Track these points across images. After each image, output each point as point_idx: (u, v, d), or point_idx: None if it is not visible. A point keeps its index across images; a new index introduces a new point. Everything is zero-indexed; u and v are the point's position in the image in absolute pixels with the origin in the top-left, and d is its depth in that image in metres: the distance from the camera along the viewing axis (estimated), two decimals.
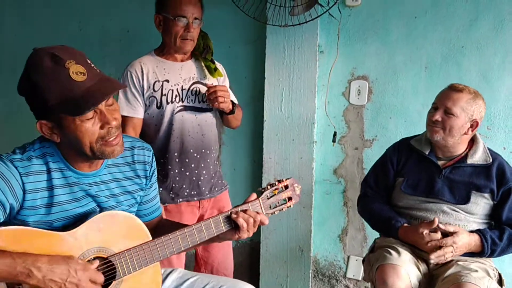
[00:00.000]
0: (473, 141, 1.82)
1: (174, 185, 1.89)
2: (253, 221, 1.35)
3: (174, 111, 1.85)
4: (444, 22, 2.19)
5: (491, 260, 1.79)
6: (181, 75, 1.88)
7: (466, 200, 1.75)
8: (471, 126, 1.75)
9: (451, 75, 2.19)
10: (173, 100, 1.85)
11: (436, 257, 1.66)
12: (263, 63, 2.39)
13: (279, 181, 1.46)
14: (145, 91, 1.83)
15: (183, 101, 1.87)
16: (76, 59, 1.14)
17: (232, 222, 1.35)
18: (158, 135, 1.86)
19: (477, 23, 2.14)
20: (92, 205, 1.28)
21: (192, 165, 1.90)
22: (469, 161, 1.77)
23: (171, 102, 1.85)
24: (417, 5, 2.21)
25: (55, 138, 1.19)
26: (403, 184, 1.84)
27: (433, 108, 1.79)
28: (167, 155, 1.87)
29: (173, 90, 1.85)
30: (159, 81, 1.83)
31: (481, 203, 1.75)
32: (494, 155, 1.80)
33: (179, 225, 1.44)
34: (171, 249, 1.29)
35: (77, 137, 1.16)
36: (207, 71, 1.93)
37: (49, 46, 1.16)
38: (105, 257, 1.23)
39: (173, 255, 1.35)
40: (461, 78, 2.15)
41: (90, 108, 1.14)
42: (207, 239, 1.35)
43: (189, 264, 2.07)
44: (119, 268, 1.23)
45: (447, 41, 2.19)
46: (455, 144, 1.78)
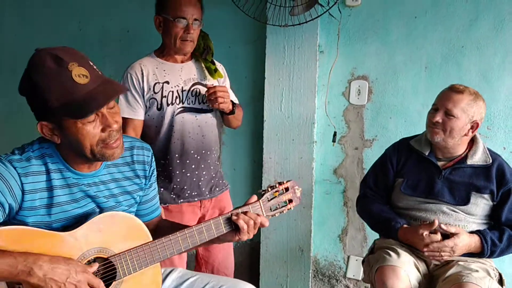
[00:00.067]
0: (472, 142, 1.81)
1: (175, 186, 1.89)
2: (254, 223, 1.35)
3: (174, 112, 1.85)
4: (444, 22, 2.18)
5: (491, 260, 1.79)
6: (181, 76, 1.88)
7: (466, 201, 1.74)
8: (472, 127, 1.74)
9: (451, 75, 2.19)
10: (174, 101, 1.85)
11: (432, 257, 1.67)
12: (263, 63, 2.39)
13: (280, 183, 1.46)
14: (145, 93, 1.83)
15: (183, 103, 1.86)
16: (78, 61, 1.14)
17: (232, 223, 1.36)
18: (158, 137, 1.86)
19: (477, 23, 2.14)
20: (91, 206, 1.28)
21: (192, 166, 1.90)
22: (469, 162, 1.77)
23: (172, 104, 1.84)
24: (417, 5, 2.21)
25: (55, 139, 1.19)
26: (403, 184, 1.83)
27: (433, 109, 1.78)
28: (168, 157, 1.87)
29: (173, 91, 1.85)
30: (159, 83, 1.83)
31: (481, 204, 1.75)
32: (494, 155, 1.79)
33: (179, 225, 1.44)
34: (171, 250, 1.30)
35: (78, 139, 1.16)
36: (207, 72, 1.93)
37: (51, 46, 1.16)
38: (105, 257, 1.23)
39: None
40: (461, 78, 2.15)
41: (93, 111, 1.14)
42: (207, 240, 1.35)
43: (189, 263, 2.07)
44: (119, 268, 1.23)
45: (447, 41, 2.19)
46: (455, 145, 1.77)
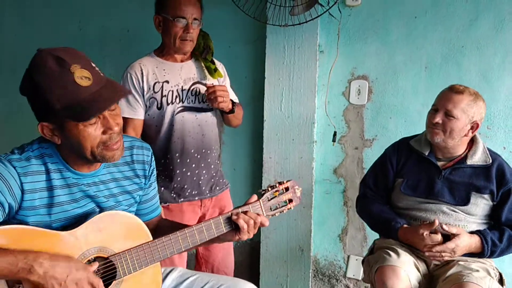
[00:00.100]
0: (472, 142, 1.81)
1: (175, 185, 1.89)
2: (254, 223, 1.35)
3: (174, 112, 1.85)
4: (444, 22, 2.18)
5: (491, 259, 1.79)
6: (181, 76, 1.88)
7: (466, 201, 1.74)
8: (472, 127, 1.73)
9: (451, 75, 2.19)
10: (173, 101, 1.85)
11: (433, 258, 1.68)
12: (263, 63, 2.39)
13: (280, 183, 1.46)
14: (145, 93, 1.83)
15: (183, 102, 1.87)
16: (81, 63, 1.13)
17: (232, 223, 1.36)
18: (159, 136, 1.86)
19: (477, 23, 2.14)
20: (91, 206, 1.28)
21: (193, 165, 1.90)
22: (469, 162, 1.77)
23: (171, 103, 1.84)
24: (417, 5, 2.21)
25: (55, 140, 1.19)
26: (403, 185, 1.83)
27: (433, 109, 1.77)
28: (168, 156, 1.87)
29: (173, 91, 1.85)
30: (159, 82, 1.83)
31: (480, 204, 1.75)
32: (493, 155, 1.79)
33: (179, 225, 1.44)
34: (171, 250, 1.30)
35: (79, 141, 1.16)
36: (207, 72, 1.93)
37: (53, 47, 1.16)
38: (106, 257, 1.23)
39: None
40: (461, 78, 2.15)
41: (95, 114, 1.14)
42: (208, 239, 1.35)
43: (189, 263, 2.07)
44: (119, 268, 1.23)
45: (447, 41, 2.19)
46: (455, 145, 1.77)
